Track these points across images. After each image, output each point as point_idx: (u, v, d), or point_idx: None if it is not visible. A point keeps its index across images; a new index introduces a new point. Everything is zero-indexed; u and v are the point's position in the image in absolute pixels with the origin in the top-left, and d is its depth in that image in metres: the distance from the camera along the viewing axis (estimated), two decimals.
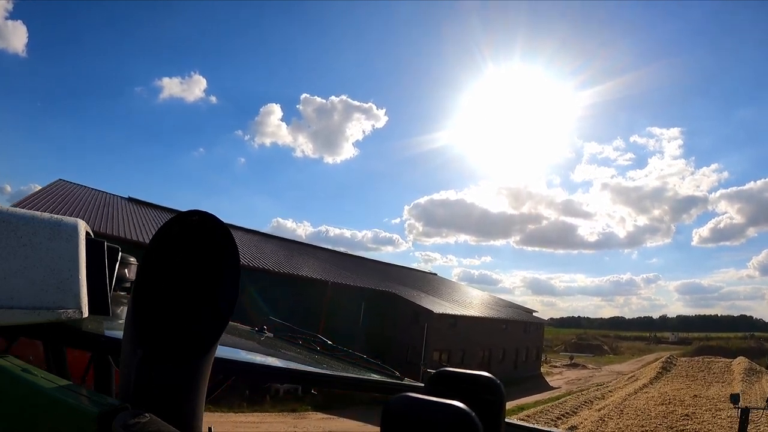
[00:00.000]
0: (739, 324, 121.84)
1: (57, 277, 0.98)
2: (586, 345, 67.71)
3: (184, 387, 0.73)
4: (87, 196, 21.08)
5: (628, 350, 69.11)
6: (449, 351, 25.05)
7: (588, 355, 59.25)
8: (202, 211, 0.75)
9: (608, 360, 54.82)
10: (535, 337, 35.92)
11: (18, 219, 0.97)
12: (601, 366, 45.67)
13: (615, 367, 45.52)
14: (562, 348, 66.58)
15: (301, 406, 16.78)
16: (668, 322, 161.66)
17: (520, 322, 33.32)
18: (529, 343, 34.28)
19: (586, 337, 74.86)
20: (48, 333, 1.07)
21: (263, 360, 1.63)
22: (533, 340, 35.28)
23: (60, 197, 18.25)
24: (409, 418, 0.51)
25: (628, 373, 36.36)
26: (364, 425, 15.73)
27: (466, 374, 0.73)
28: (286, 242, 31.01)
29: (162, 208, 25.30)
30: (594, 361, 52.85)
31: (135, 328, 0.72)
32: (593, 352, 63.18)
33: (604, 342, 72.39)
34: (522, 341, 32.93)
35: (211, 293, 0.76)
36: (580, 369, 41.43)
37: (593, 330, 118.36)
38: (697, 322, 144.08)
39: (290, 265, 22.66)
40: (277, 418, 15.59)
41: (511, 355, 31.45)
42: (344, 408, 16.50)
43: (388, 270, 34.93)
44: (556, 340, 74.95)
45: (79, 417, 0.65)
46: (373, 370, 1.80)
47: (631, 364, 49.58)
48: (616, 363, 50.33)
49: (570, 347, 66.86)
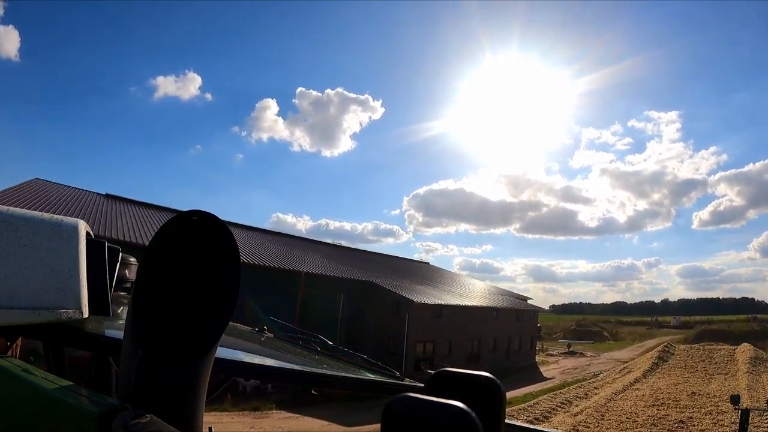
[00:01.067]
0: (741, 306, 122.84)
1: (57, 277, 0.99)
2: (586, 332, 66.31)
3: (184, 387, 0.74)
4: (61, 193, 20.22)
5: (629, 336, 67.79)
6: (434, 342, 23.98)
7: (587, 342, 57.96)
8: (202, 211, 0.75)
9: (608, 347, 53.56)
10: (530, 325, 34.62)
11: (18, 219, 0.98)
12: (600, 353, 44.46)
13: (614, 354, 44.27)
14: (561, 335, 65.43)
15: (266, 404, 15.61)
16: (670, 306, 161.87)
17: (512, 309, 31.99)
18: (523, 332, 33.03)
19: (586, 324, 73.45)
20: (48, 333, 1.08)
21: (263, 360, 1.66)
22: (527, 329, 34.01)
23: (31, 195, 17.42)
24: (409, 418, 0.52)
25: (626, 361, 35.18)
26: (330, 425, 14.40)
27: (466, 374, 0.74)
28: (259, 232, 29.53)
29: (140, 203, 24.39)
30: (593, 348, 51.65)
31: (135, 328, 0.72)
32: (593, 338, 61.84)
33: (604, 328, 71.03)
34: (515, 329, 31.70)
35: (211, 293, 0.76)
36: (578, 357, 40.13)
37: (595, 316, 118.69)
38: (698, 305, 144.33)
39: (260, 255, 21.44)
40: (236, 418, 14.42)
41: (503, 345, 30.23)
42: (315, 406, 15.30)
43: (374, 259, 33.60)
44: (557, 327, 73.88)
45: (79, 417, 0.66)
46: (373, 370, 1.81)
47: (631, 350, 48.34)
48: (616, 350, 49.07)
49: (569, 334, 65.59)
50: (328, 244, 35.29)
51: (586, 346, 52.64)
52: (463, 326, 25.58)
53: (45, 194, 18.70)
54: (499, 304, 31.17)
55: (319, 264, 23.76)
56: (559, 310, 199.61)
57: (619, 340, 62.06)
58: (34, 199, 16.76)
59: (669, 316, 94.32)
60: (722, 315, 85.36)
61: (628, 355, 42.47)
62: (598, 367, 32.56)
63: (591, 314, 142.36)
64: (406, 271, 33.03)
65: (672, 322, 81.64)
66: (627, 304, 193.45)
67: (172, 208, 25.02)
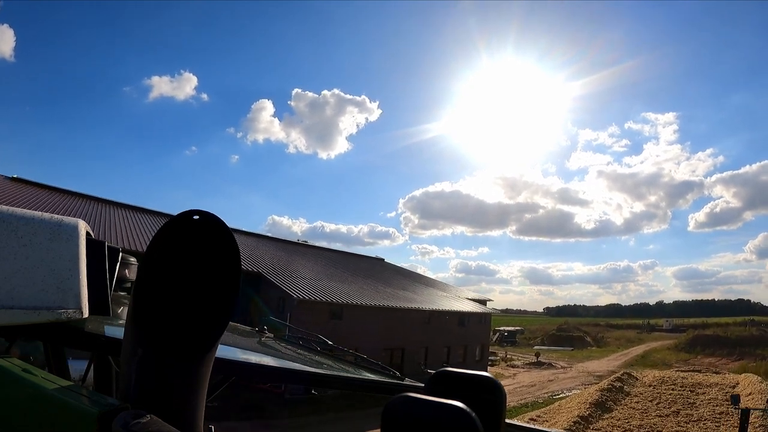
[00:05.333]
0: (737, 308, 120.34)
1: (57, 277, 0.99)
2: (566, 337, 59.76)
3: (184, 387, 0.73)
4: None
5: (616, 341, 61.24)
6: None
7: (566, 349, 51.68)
8: (202, 211, 0.74)
9: (587, 354, 47.24)
10: (479, 330, 28.28)
11: (18, 219, 0.98)
12: (575, 363, 38.07)
13: (591, 364, 37.98)
14: (539, 341, 58.88)
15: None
16: (665, 308, 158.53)
17: (454, 312, 25.62)
18: (469, 339, 26.83)
19: (567, 328, 66.76)
20: (48, 333, 1.07)
21: (263, 360, 1.64)
22: (476, 335, 27.71)
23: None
24: (409, 418, 0.52)
25: (600, 375, 28.67)
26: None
27: (466, 374, 0.74)
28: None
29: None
30: (571, 356, 45.40)
31: (135, 328, 0.72)
32: (573, 344, 55.44)
33: (587, 333, 64.36)
34: (456, 337, 25.48)
35: (211, 293, 0.75)
36: (545, 369, 33.74)
37: (587, 318, 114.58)
38: (694, 307, 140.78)
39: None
40: None
41: (436, 355, 23.92)
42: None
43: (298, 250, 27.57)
44: (540, 332, 67.52)
45: (80, 417, 0.66)
46: (373, 370, 1.78)
47: (613, 359, 42.12)
48: (595, 358, 42.75)
49: (548, 340, 59.17)
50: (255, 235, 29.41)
51: (563, 353, 46.51)
52: (373, 332, 19.71)
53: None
54: (436, 306, 24.69)
55: None
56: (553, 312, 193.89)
57: (603, 346, 55.67)
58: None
59: (662, 319, 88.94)
60: (718, 317, 79.91)
61: (607, 366, 36.12)
62: (562, 384, 26.33)
63: (585, 317, 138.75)
64: (343, 267, 26.98)
65: (664, 326, 76.21)
66: (621, 306, 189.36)
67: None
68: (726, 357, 43.47)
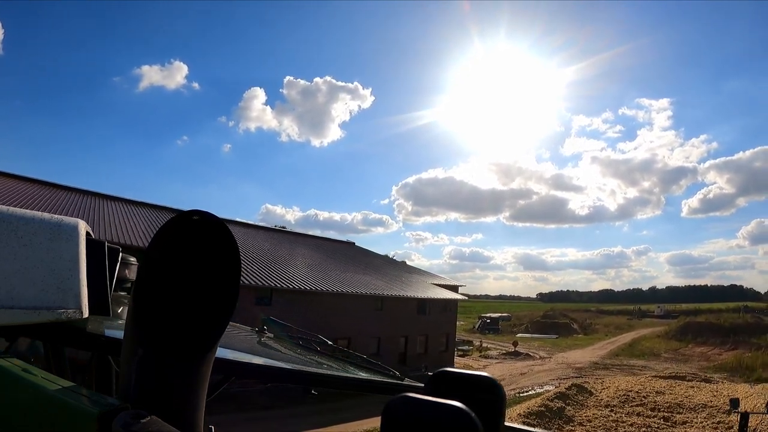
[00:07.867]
0: (730, 294, 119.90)
1: (57, 277, 0.97)
2: (552, 324, 57.33)
3: (185, 387, 0.73)
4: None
5: (604, 328, 58.82)
6: None
7: (551, 336, 49.21)
8: (202, 211, 0.73)
9: (572, 342, 44.80)
10: (444, 319, 25.55)
11: (18, 219, 0.97)
12: (555, 353, 35.46)
13: (574, 354, 35.42)
14: (523, 329, 56.37)
15: None
16: (658, 293, 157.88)
17: (413, 299, 22.74)
18: (431, 329, 24.06)
19: (554, 315, 64.39)
20: (48, 333, 1.05)
21: (263, 360, 1.65)
22: (439, 324, 24.96)
23: None
24: (409, 418, 0.51)
25: (579, 367, 26.00)
26: None
27: (466, 374, 0.74)
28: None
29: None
30: (554, 344, 42.92)
31: (135, 328, 0.71)
32: (559, 332, 52.96)
33: (574, 320, 61.91)
34: (420, 326, 22.82)
35: (211, 293, 0.75)
36: (522, 360, 31.09)
37: (581, 304, 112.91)
38: (686, 292, 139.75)
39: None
40: None
41: (393, 346, 21.22)
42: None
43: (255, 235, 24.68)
44: (526, 318, 65.19)
45: (80, 417, 0.65)
46: (373, 370, 1.77)
47: (598, 348, 39.65)
48: (579, 347, 40.23)
49: (533, 327, 56.69)
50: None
51: (545, 342, 43.96)
52: (310, 320, 16.73)
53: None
54: (392, 293, 21.77)
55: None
56: (546, 298, 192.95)
57: (590, 334, 53.19)
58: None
59: (654, 305, 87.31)
60: (710, 303, 77.98)
61: (590, 355, 33.66)
62: (534, 379, 23.67)
63: (578, 302, 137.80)
64: (291, 249, 24.15)
65: (656, 312, 74.17)
66: (614, 291, 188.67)
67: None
68: (719, 346, 40.75)
